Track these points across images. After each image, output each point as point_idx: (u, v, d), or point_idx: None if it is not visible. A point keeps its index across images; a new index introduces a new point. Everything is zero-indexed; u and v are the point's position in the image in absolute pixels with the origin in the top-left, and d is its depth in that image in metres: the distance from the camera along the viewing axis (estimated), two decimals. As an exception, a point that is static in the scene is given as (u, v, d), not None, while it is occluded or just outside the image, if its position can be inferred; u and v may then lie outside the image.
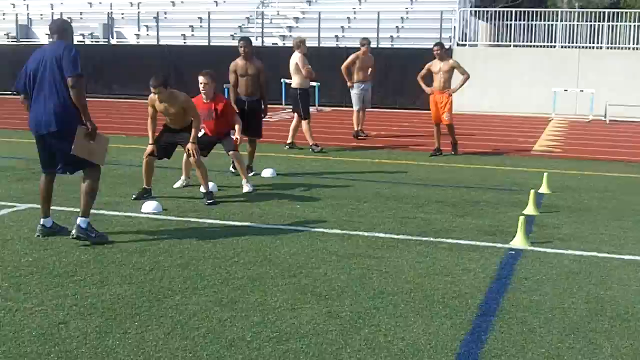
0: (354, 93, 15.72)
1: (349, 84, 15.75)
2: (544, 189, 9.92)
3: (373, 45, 24.14)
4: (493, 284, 5.98)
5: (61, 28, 6.98)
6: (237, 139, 10.01)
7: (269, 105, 11.44)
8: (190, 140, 8.83)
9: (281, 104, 22.11)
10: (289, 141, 14.05)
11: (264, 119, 11.34)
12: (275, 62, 19.28)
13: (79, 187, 6.93)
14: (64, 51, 6.65)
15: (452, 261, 6.59)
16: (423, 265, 6.44)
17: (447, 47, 23.67)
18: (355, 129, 15.91)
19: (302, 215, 8.32)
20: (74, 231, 6.81)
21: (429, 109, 13.83)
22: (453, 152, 13.76)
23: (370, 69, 15.81)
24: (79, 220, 6.85)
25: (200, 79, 9.70)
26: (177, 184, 9.82)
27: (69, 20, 23.68)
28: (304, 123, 13.75)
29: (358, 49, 15.78)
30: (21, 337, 4.63)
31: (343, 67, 15.66)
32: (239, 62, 11.01)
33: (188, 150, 8.90)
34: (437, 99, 13.46)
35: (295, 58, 13.67)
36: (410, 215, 8.44)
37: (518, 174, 11.61)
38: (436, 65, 13.46)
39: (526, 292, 5.76)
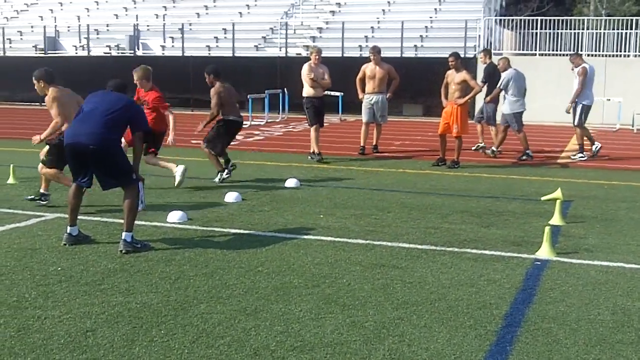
0: (363, 105, 14.99)
1: (360, 96, 14.96)
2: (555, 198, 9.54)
3: (396, 54, 24.34)
4: (518, 294, 5.95)
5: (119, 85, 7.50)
6: None
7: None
8: None
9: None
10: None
11: None
12: (299, 71, 19.35)
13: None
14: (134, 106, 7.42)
15: (476, 272, 6.56)
16: (447, 275, 6.43)
17: (471, 56, 23.74)
18: (362, 144, 14.95)
19: (326, 225, 8.34)
20: (121, 246, 6.97)
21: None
22: (447, 165, 13.14)
23: (380, 80, 14.72)
24: (124, 235, 7.01)
25: None
26: None
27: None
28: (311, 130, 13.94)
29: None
30: (49, 344, 4.69)
31: (357, 79, 15.00)
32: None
33: None
34: (447, 110, 13.38)
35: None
36: (434, 225, 8.43)
37: (544, 184, 11.53)
38: (450, 76, 13.45)
39: (552, 303, 5.73)
